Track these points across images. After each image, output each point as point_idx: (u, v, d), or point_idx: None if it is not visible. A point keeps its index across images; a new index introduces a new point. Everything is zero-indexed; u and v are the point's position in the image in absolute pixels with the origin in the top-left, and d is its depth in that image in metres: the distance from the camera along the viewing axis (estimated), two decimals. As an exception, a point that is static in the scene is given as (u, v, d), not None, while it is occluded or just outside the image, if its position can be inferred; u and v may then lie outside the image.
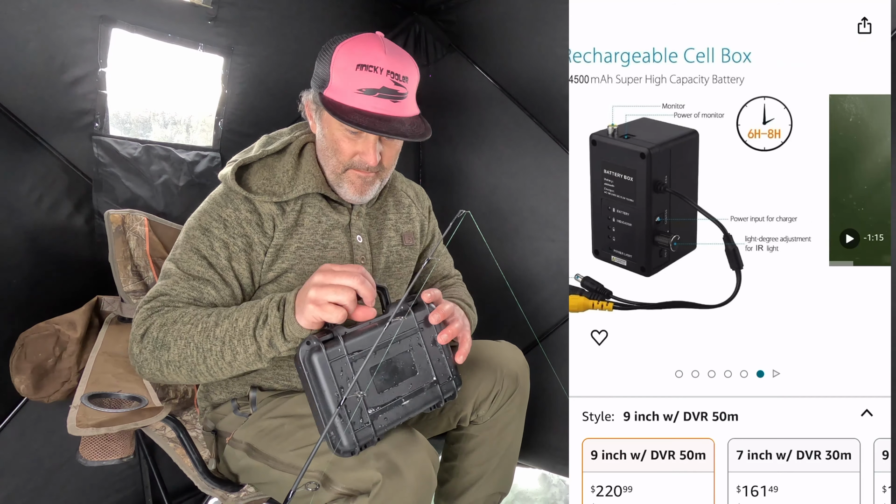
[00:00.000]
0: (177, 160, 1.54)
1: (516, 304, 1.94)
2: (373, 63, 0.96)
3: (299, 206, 1.07)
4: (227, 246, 1.01)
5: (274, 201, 1.04)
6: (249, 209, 1.03)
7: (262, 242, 1.04)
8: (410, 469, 0.87)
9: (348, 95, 0.97)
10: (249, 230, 1.02)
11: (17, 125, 1.27)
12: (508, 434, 1.23)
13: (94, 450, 1.10)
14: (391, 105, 0.99)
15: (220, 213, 1.02)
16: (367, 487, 0.86)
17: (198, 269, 0.99)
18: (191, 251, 1.00)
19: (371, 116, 0.97)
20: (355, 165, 1.05)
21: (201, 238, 1.01)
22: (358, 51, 0.98)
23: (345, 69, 0.97)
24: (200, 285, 0.98)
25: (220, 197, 1.05)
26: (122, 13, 1.36)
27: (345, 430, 0.84)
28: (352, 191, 1.08)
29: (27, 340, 1.21)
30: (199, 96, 1.66)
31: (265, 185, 1.04)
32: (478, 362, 1.21)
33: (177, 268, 0.99)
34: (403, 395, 0.93)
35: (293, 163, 1.08)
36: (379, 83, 0.97)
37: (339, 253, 1.11)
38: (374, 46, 0.98)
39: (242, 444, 1.07)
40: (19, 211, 1.29)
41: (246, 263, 1.03)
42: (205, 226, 1.02)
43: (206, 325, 0.89)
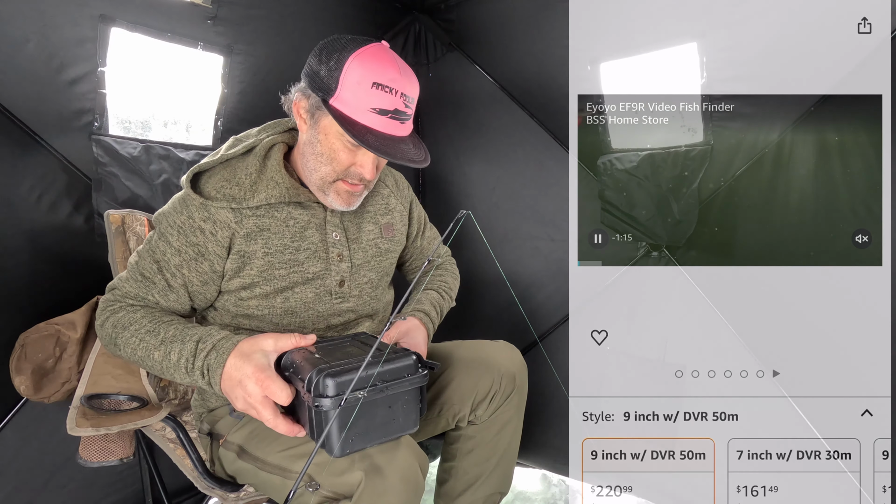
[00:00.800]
0: (176, 159, 1.53)
1: (516, 303, 1.94)
2: (389, 84, 0.94)
3: (262, 211, 1.05)
4: (179, 253, 1.02)
5: (231, 207, 1.01)
6: (203, 217, 1.01)
7: (217, 252, 1.02)
8: (394, 471, 0.86)
9: (360, 112, 0.95)
10: (202, 239, 1.01)
11: (17, 125, 1.27)
12: (507, 434, 1.23)
13: (93, 450, 1.10)
14: (398, 126, 0.98)
15: (175, 220, 1.02)
16: (350, 491, 0.86)
17: (149, 271, 1.02)
18: (147, 252, 1.03)
19: (383, 138, 0.96)
20: (349, 176, 1.04)
21: (157, 242, 1.03)
22: (374, 67, 0.95)
23: (359, 85, 0.94)
24: (147, 286, 1.02)
25: (178, 202, 1.04)
26: (121, 12, 1.36)
27: (340, 440, 0.84)
28: (339, 202, 1.07)
29: (27, 341, 1.21)
30: (198, 95, 1.65)
31: (224, 188, 1.02)
32: (476, 362, 1.21)
33: (135, 264, 1.04)
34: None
35: (257, 166, 1.04)
36: (392, 105, 0.95)
37: (312, 253, 1.09)
38: (390, 65, 0.96)
39: (234, 446, 1.07)
40: (19, 211, 1.28)
41: (196, 272, 1.03)
42: (162, 230, 1.03)
43: (148, 345, 0.94)
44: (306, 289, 1.09)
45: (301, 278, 1.08)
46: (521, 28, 1.84)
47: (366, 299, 1.19)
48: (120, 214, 1.35)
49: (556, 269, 1.98)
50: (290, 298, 1.08)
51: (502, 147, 2.06)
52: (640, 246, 1.82)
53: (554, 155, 1.94)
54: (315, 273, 1.09)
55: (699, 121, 1.57)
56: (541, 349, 1.93)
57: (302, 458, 0.94)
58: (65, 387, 1.22)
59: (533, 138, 1.97)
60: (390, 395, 0.87)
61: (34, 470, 1.35)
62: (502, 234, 2.07)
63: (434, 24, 2.07)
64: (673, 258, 1.75)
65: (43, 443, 1.36)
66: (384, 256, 1.22)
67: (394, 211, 1.24)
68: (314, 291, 1.10)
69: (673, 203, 1.64)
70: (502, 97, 2.01)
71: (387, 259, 1.23)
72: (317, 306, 1.11)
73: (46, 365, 1.20)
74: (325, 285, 1.11)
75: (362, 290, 1.18)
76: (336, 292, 1.12)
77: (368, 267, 1.18)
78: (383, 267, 1.22)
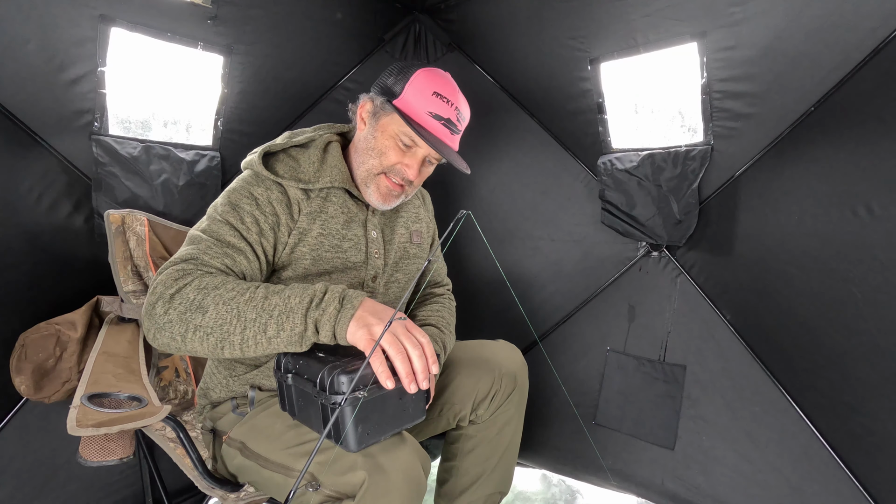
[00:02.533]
0: (176, 159, 1.53)
1: (516, 303, 1.94)
2: (447, 96, 1.10)
3: (325, 195, 1.12)
4: (258, 221, 1.03)
5: (300, 187, 1.08)
6: (280, 191, 1.07)
7: (289, 225, 1.07)
8: (397, 470, 0.86)
9: (419, 114, 1.08)
10: (280, 210, 1.06)
11: (17, 125, 1.27)
12: (507, 433, 1.23)
13: (93, 450, 1.10)
14: (449, 135, 1.11)
15: (252, 192, 1.04)
16: (353, 491, 0.86)
17: (230, 239, 0.99)
18: (221, 222, 1.01)
19: (434, 136, 1.08)
20: (393, 172, 1.12)
21: (231, 212, 1.02)
22: (436, 81, 1.11)
23: (422, 91, 1.08)
24: (234, 253, 0.98)
25: (251, 177, 1.07)
26: (121, 12, 1.36)
27: (356, 433, 0.85)
28: (376, 195, 1.14)
29: (27, 340, 1.21)
30: (198, 95, 1.65)
31: (291, 171, 1.09)
32: (476, 362, 1.21)
33: (207, 235, 0.98)
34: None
35: (319, 156, 1.13)
36: (447, 114, 1.10)
37: (355, 244, 1.14)
38: (449, 82, 1.13)
39: (237, 443, 1.07)
40: (19, 210, 1.28)
41: (272, 241, 1.06)
42: (234, 202, 1.03)
43: (254, 297, 0.88)
44: (344, 276, 1.13)
45: (342, 265, 1.13)
46: (521, 28, 1.84)
47: (391, 298, 1.22)
48: (120, 214, 1.35)
49: (556, 269, 1.99)
50: (329, 282, 1.10)
51: (503, 147, 2.06)
52: (640, 246, 1.82)
53: (554, 155, 1.95)
54: (355, 263, 1.14)
55: (699, 121, 1.57)
56: (541, 349, 1.93)
57: (304, 457, 0.94)
58: (65, 386, 1.22)
59: (533, 138, 1.97)
60: (400, 386, 0.87)
61: (34, 470, 1.35)
62: (502, 234, 2.07)
63: (434, 24, 2.07)
64: (673, 258, 1.75)
65: (43, 443, 1.36)
66: (411, 260, 1.26)
67: (422, 220, 1.32)
68: (349, 280, 1.14)
69: (673, 203, 1.64)
70: (502, 97, 2.01)
71: (413, 263, 1.26)
72: None
73: (46, 365, 1.20)
74: (360, 277, 1.16)
75: (388, 289, 1.21)
76: (368, 286, 1.17)
77: (397, 268, 1.22)
78: (410, 270, 1.26)
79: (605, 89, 1.72)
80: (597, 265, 1.90)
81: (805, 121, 1.39)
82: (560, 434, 1.91)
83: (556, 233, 1.97)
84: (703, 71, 1.50)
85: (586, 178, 1.89)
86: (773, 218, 1.49)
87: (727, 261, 1.61)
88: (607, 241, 1.86)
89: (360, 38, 1.96)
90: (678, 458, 1.69)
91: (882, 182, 1.27)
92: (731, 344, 1.63)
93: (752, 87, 1.44)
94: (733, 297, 1.63)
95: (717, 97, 1.50)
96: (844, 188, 1.34)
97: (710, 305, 1.67)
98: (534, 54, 1.85)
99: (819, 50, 1.32)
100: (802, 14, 1.31)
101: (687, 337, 1.72)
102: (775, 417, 1.54)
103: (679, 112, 1.75)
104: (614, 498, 1.86)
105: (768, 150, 1.48)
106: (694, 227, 1.62)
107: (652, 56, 1.60)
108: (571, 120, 1.84)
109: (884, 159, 1.26)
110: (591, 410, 1.86)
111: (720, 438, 1.63)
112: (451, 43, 2.08)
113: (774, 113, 1.43)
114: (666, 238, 1.69)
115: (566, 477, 1.96)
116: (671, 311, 1.74)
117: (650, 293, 1.79)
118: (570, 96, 1.80)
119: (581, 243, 1.93)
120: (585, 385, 1.89)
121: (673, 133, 1.77)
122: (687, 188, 1.60)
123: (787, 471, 1.51)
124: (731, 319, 1.64)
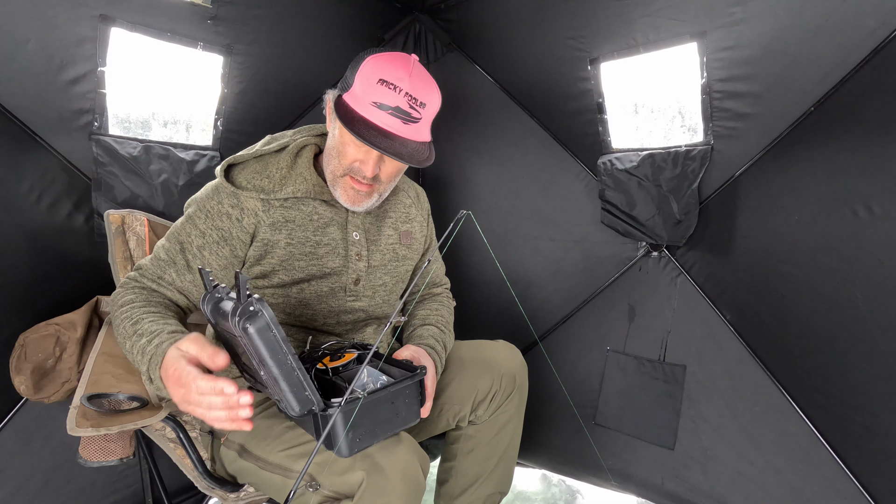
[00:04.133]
0: (176, 159, 1.53)
1: (516, 303, 1.94)
2: (394, 81, 0.99)
3: (290, 204, 1.09)
4: (203, 235, 1.06)
5: (260, 198, 1.06)
6: (232, 204, 1.06)
7: (240, 237, 1.07)
8: (395, 470, 0.86)
9: (363, 105, 0.99)
10: (227, 224, 1.06)
11: (17, 125, 1.27)
12: (507, 434, 1.23)
13: (93, 450, 1.10)
14: (401, 125, 1.00)
15: (205, 205, 1.07)
16: (352, 491, 0.86)
17: (171, 252, 1.05)
18: (173, 234, 1.07)
19: (376, 131, 0.98)
20: (354, 172, 1.06)
21: (184, 224, 1.07)
22: (384, 66, 1.00)
23: (367, 80, 0.99)
24: (165, 265, 1.05)
25: (211, 189, 1.09)
26: (121, 12, 1.36)
27: (347, 440, 0.84)
28: (344, 197, 1.10)
29: (27, 341, 1.21)
30: (198, 95, 1.65)
31: (254, 179, 1.07)
32: (476, 363, 1.21)
33: (160, 245, 1.07)
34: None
35: (288, 162, 1.10)
36: (394, 102, 0.99)
37: (332, 249, 1.12)
38: (401, 66, 1.01)
39: (235, 445, 1.07)
40: (18, 210, 1.28)
41: (217, 255, 1.06)
42: (191, 214, 1.08)
43: (126, 332, 0.94)
44: (322, 283, 1.12)
45: (319, 272, 1.11)
46: (521, 28, 1.84)
47: (378, 301, 1.20)
48: (120, 214, 1.35)
49: (556, 269, 1.99)
50: (306, 290, 1.11)
51: (502, 147, 2.06)
52: (640, 246, 1.81)
53: (554, 155, 1.94)
54: (333, 269, 1.12)
55: (699, 121, 1.57)
56: (541, 349, 1.93)
57: (303, 458, 0.95)
58: (65, 387, 1.22)
59: (533, 138, 1.97)
60: (392, 391, 0.87)
61: (34, 470, 1.35)
62: (502, 234, 2.07)
63: (434, 24, 2.07)
64: (673, 258, 1.75)
65: (43, 443, 1.36)
66: (400, 262, 1.23)
67: (414, 220, 1.27)
68: (329, 286, 1.12)
69: (673, 203, 1.64)
70: (502, 97, 2.01)
71: (403, 265, 1.24)
72: (330, 301, 1.14)
73: (46, 365, 1.20)
74: (341, 282, 1.14)
75: (376, 292, 1.19)
76: (350, 290, 1.15)
77: (384, 270, 1.20)
78: (399, 273, 1.24)
79: (605, 89, 1.72)
80: (597, 265, 1.90)
81: (805, 121, 1.39)
82: (560, 434, 1.91)
83: (556, 233, 1.97)
84: (703, 71, 1.49)
85: (586, 178, 1.89)
86: (773, 218, 1.49)
87: (727, 261, 1.61)
88: (607, 241, 1.86)
89: (360, 38, 1.96)
90: (678, 458, 1.69)
91: (882, 182, 1.27)
92: (731, 344, 1.63)
93: (752, 87, 1.44)
94: (733, 297, 1.62)
95: (717, 97, 1.50)
96: (844, 188, 1.34)
97: (710, 305, 1.67)
98: (534, 54, 1.85)
99: (819, 50, 1.31)
100: (802, 14, 1.31)
101: (687, 337, 1.72)
102: (775, 417, 1.53)
103: (679, 112, 1.75)
104: (614, 498, 1.85)
105: (768, 150, 1.48)
106: (694, 227, 1.62)
107: (652, 56, 1.60)
108: (571, 120, 1.84)
109: (884, 159, 1.26)
110: (591, 410, 1.86)
111: (720, 438, 1.63)
112: (451, 43, 2.08)
113: (774, 113, 1.43)
114: (666, 238, 1.68)
115: (566, 477, 1.96)
116: (671, 311, 1.74)
117: (650, 293, 1.79)
118: (570, 96, 1.80)
119: (581, 243, 1.93)
120: (585, 385, 1.89)
121: (673, 133, 1.76)
122: (687, 188, 1.60)
123: (787, 471, 1.51)
124: (731, 319, 1.64)
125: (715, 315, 1.67)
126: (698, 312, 1.70)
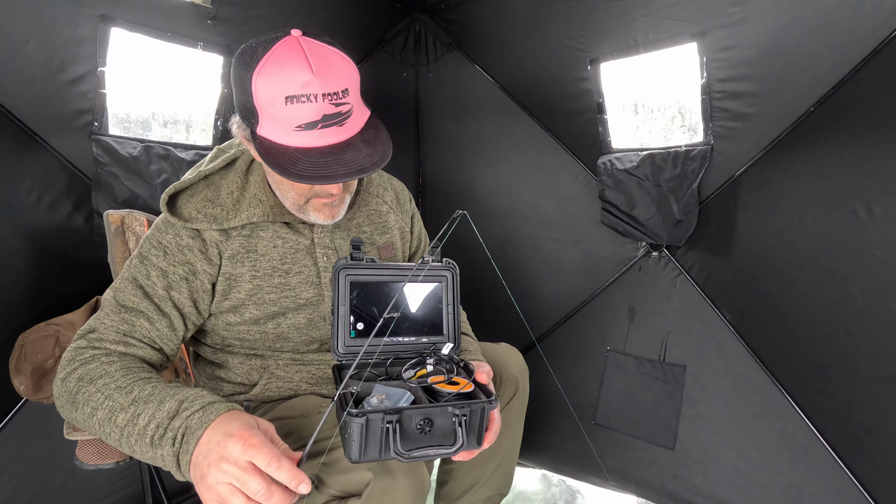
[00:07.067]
0: (176, 159, 1.53)
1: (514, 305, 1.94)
2: (303, 91, 0.79)
3: (248, 231, 0.98)
4: (167, 274, 0.93)
5: (214, 228, 0.95)
6: (191, 235, 0.95)
7: (208, 271, 0.96)
8: (402, 469, 0.86)
9: (287, 135, 0.82)
10: (192, 257, 0.94)
11: (17, 125, 1.27)
12: (507, 436, 1.23)
13: (90, 453, 1.10)
14: (338, 130, 0.83)
15: (160, 240, 0.95)
16: (358, 490, 0.86)
17: (132, 300, 0.90)
18: (128, 280, 0.93)
19: (320, 160, 0.82)
20: (318, 195, 0.95)
21: (139, 266, 0.93)
22: (280, 79, 0.79)
23: (272, 105, 0.80)
24: (132, 318, 0.89)
25: (161, 223, 0.97)
26: (121, 12, 1.36)
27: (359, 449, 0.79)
28: (321, 217, 0.98)
29: (27, 341, 1.21)
30: (198, 95, 1.65)
31: (206, 208, 0.95)
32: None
33: (113, 298, 0.91)
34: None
35: (238, 183, 0.98)
36: (317, 113, 0.80)
37: (305, 278, 1.02)
38: (298, 67, 0.79)
39: None
40: (18, 210, 1.28)
41: (188, 292, 0.94)
42: (144, 254, 0.94)
43: (114, 404, 0.77)
44: (299, 315, 1.03)
45: (293, 304, 1.02)
46: (521, 28, 1.84)
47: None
48: (120, 214, 1.35)
49: (555, 269, 1.99)
50: (282, 324, 1.02)
51: (502, 147, 2.06)
52: (640, 246, 1.81)
53: (554, 155, 1.95)
54: (308, 299, 1.03)
55: (699, 121, 1.57)
56: (540, 350, 1.93)
57: (311, 460, 0.94)
58: (65, 387, 1.21)
59: (533, 138, 1.97)
60: (421, 417, 0.79)
61: (34, 470, 1.35)
62: (502, 234, 2.07)
63: (434, 24, 2.07)
64: (673, 258, 1.75)
65: (42, 443, 1.36)
66: None
67: (393, 229, 1.16)
68: (307, 317, 1.04)
69: (673, 203, 1.64)
70: (502, 97, 2.01)
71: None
72: (310, 332, 1.06)
73: (46, 365, 1.20)
74: (320, 311, 1.04)
75: None
76: (330, 318, 1.02)
77: None
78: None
79: (605, 89, 1.72)
80: (597, 265, 1.90)
81: (805, 121, 1.39)
82: (560, 434, 1.91)
83: (556, 233, 1.97)
84: (703, 71, 1.50)
85: (586, 179, 1.89)
86: (773, 218, 1.49)
87: (727, 261, 1.61)
88: (607, 241, 1.86)
89: (359, 38, 1.96)
90: (678, 458, 1.69)
91: (882, 182, 1.27)
92: (731, 344, 1.63)
93: (752, 87, 1.44)
94: (733, 297, 1.62)
95: (717, 97, 1.50)
96: (844, 188, 1.34)
97: (710, 305, 1.67)
98: (534, 54, 1.85)
99: (819, 50, 1.32)
100: (802, 14, 1.31)
101: (687, 337, 1.72)
102: (775, 417, 1.54)
103: (679, 112, 1.75)
104: (614, 498, 1.85)
105: (768, 150, 1.48)
106: (694, 227, 1.62)
107: (652, 56, 1.60)
108: (571, 120, 1.84)
109: (884, 159, 1.26)
110: (590, 410, 1.86)
111: (720, 438, 1.63)
112: (451, 43, 2.08)
113: (774, 113, 1.43)
114: (666, 238, 1.68)
115: (566, 477, 1.96)
116: (671, 311, 1.74)
117: (650, 293, 1.79)
118: (570, 96, 1.80)
119: (581, 243, 1.93)
120: (585, 385, 1.89)
121: (673, 133, 1.77)
122: (687, 188, 1.60)
123: (787, 471, 1.51)
124: (731, 319, 1.64)
125: (715, 315, 1.67)
126: (698, 312, 1.70)
